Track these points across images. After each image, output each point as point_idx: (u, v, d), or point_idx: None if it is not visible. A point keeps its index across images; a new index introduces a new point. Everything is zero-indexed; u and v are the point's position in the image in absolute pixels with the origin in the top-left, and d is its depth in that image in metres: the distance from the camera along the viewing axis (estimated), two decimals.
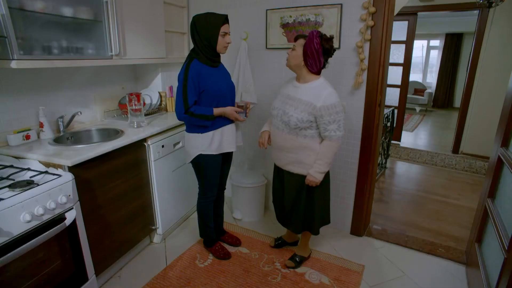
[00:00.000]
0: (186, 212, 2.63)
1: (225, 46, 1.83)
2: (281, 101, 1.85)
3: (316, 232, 1.98)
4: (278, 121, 1.83)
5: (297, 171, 1.85)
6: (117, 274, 2.04)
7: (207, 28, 1.76)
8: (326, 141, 1.76)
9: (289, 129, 1.78)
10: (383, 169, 3.94)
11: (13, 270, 1.29)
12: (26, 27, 1.62)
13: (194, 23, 1.78)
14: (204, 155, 1.92)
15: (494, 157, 1.82)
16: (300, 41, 1.75)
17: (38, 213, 1.34)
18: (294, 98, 1.78)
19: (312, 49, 1.68)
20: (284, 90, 1.90)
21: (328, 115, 1.68)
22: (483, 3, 3.37)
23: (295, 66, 1.77)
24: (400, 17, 4.52)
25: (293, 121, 1.73)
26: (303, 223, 1.97)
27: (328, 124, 1.70)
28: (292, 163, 1.86)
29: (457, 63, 7.93)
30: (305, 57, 1.71)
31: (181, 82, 1.78)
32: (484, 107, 4.22)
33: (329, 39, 1.71)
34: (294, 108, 1.75)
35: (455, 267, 2.13)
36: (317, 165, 1.77)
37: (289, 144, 1.81)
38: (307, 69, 1.74)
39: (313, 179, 1.79)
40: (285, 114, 1.78)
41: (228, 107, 1.87)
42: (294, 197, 1.93)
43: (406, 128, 6.17)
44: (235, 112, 1.87)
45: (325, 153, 1.76)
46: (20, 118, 1.90)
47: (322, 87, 1.74)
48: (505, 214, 1.56)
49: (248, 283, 1.96)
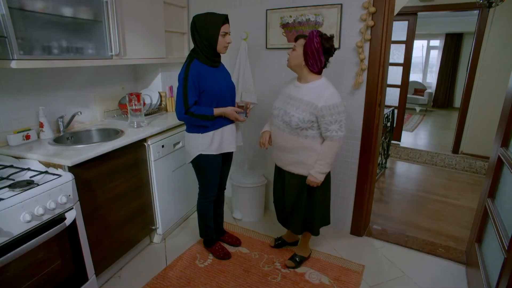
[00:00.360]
0: (186, 212, 2.63)
1: (225, 46, 1.83)
2: (282, 101, 1.85)
3: (316, 232, 1.98)
4: (279, 121, 1.83)
5: (298, 171, 1.85)
6: (117, 274, 2.04)
7: (207, 28, 1.75)
8: (327, 141, 1.75)
9: (290, 129, 1.78)
10: (383, 169, 3.94)
11: (13, 270, 1.29)
12: (26, 27, 1.62)
13: (194, 23, 1.78)
14: (204, 155, 1.92)
15: (494, 157, 1.82)
16: (300, 41, 1.75)
17: (38, 213, 1.34)
18: (296, 98, 1.77)
19: (312, 49, 1.68)
20: (285, 90, 1.90)
21: (330, 115, 1.68)
22: (483, 3, 3.37)
23: (296, 66, 1.77)
24: (400, 17, 4.52)
25: (294, 121, 1.73)
26: (303, 223, 1.97)
27: (329, 124, 1.70)
28: (293, 164, 1.85)
29: (457, 63, 7.93)
30: (306, 57, 1.71)
31: (181, 82, 1.78)
32: (484, 107, 4.22)
33: (329, 38, 1.71)
34: (296, 108, 1.74)
35: (455, 267, 2.13)
36: (318, 166, 1.77)
37: (290, 145, 1.81)
38: (308, 69, 1.74)
39: (314, 180, 1.78)
40: (286, 114, 1.77)
41: (228, 107, 1.87)
42: (295, 197, 1.92)
43: (406, 128, 6.17)
44: (235, 113, 1.87)
45: (326, 154, 1.76)
46: (20, 118, 1.90)
47: (324, 87, 1.73)
48: (505, 214, 1.56)
49: (248, 283, 1.96)
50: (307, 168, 1.81)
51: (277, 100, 1.91)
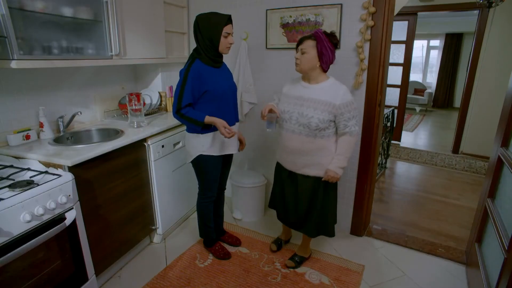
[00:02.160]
0: (186, 212, 2.63)
1: (228, 46, 1.82)
2: (293, 103, 1.81)
3: (332, 234, 1.98)
4: (294, 124, 1.79)
5: (314, 173, 1.84)
6: (117, 274, 2.04)
7: (210, 28, 1.74)
8: (346, 136, 1.78)
9: (308, 131, 1.75)
10: (383, 169, 3.95)
11: (13, 270, 1.29)
12: (26, 27, 1.62)
13: (197, 22, 1.77)
14: (204, 156, 1.91)
15: (494, 157, 1.82)
16: (308, 42, 1.71)
17: (38, 213, 1.34)
18: (310, 99, 1.75)
19: (327, 49, 1.69)
20: (291, 92, 1.86)
21: (348, 112, 1.72)
22: (483, 3, 3.37)
23: (310, 69, 1.75)
24: (400, 17, 4.52)
25: (314, 122, 1.72)
26: (318, 225, 1.96)
27: (348, 120, 1.74)
28: (308, 166, 1.84)
29: (457, 63, 7.93)
30: (321, 57, 1.71)
31: (180, 81, 1.78)
32: (484, 107, 4.22)
33: (334, 35, 1.74)
34: (314, 109, 1.73)
35: (455, 267, 2.13)
36: (337, 161, 1.79)
37: (307, 147, 1.79)
38: (321, 69, 1.76)
39: (334, 175, 1.79)
40: (303, 117, 1.74)
41: (219, 119, 1.77)
42: (309, 200, 1.91)
43: (406, 128, 6.17)
44: (223, 127, 1.76)
45: (345, 148, 1.79)
46: (20, 118, 1.90)
47: (336, 85, 1.77)
48: (505, 214, 1.56)
49: (248, 283, 1.96)
50: (322, 168, 1.82)
51: (284, 103, 1.86)
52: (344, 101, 1.71)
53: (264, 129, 1.92)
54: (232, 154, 2.10)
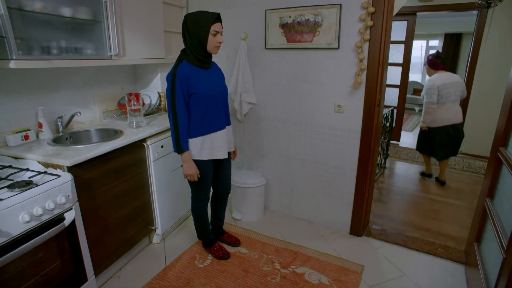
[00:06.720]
0: (185, 212, 2.63)
1: (217, 46, 1.76)
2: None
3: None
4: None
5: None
6: (116, 275, 2.04)
7: (197, 27, 1.69)
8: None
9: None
10: (382, 169, 3.95)
11: (12, 271, 1.29)
12: (25, 27, 1.61)
13: (185, 21, 1.72)
14: (194, 160, 1.86)
15: (493, 157, 1.83)
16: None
17: (37, 214, 1.34)
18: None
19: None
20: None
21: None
22: (482, 3, 3.37)
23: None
24: (399, 17, 4.53)
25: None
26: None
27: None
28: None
29: (456, 63, 7.94)
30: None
31: (168, 86, 1.72)
32: (483, 107, 4.22)
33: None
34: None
35: (454, 267, 2.14)
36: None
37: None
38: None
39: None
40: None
41: (192, 166, 1.83)
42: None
43: (405, 128, 6.17)
44: (185, 174, 1.84)
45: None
46: (19, 118, 1.90)
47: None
48: (504, 214, 1.56)
49: (247, 283, 1.96)
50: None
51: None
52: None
53: (264, 129, 1.92)
54: (228, 158, 2.08)
